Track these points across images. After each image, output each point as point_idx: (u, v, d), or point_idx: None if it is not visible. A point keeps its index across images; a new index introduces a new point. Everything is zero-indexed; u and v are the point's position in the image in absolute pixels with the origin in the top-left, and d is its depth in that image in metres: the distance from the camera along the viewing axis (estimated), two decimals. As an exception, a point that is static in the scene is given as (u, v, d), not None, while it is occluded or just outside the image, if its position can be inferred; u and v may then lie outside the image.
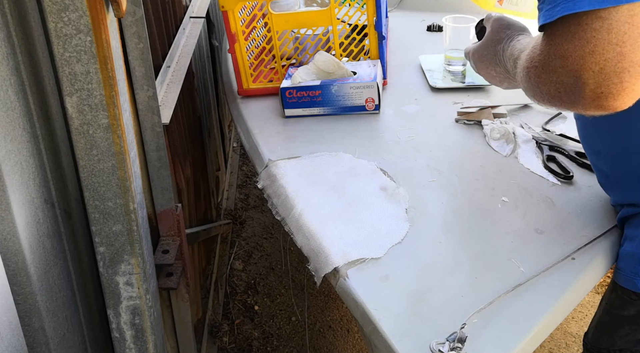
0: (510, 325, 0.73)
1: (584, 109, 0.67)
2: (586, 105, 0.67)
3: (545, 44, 0.69)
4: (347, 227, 0.92)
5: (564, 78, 0.67)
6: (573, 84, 0.66)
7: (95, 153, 0.67)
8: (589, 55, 0.64)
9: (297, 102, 1.29)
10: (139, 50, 0.89)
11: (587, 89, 0.65)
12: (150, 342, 0.81)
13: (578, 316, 2.00)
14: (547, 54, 0.69)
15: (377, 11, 1.33)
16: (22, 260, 0.62)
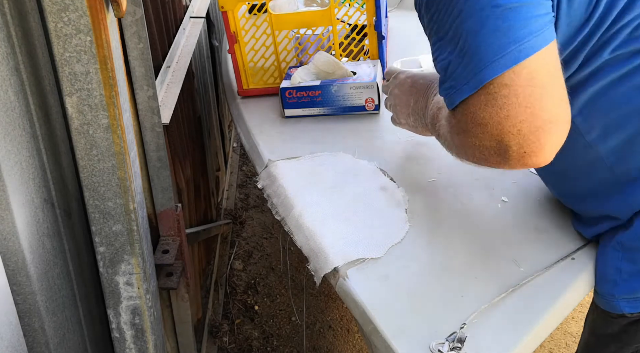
0: (510, 325, 0.73)
1: (511, 167, 0.70)
2: (512, 164, 0.70)
3: (461, 113, 0.72)
4: (347, 227, 0.91)
5: (487, 142, 0.70)
6: (497, 147, 0.69)
7: (95, 153, 0.67)
8: (505, 119, 0.67)
9: (297, 102, 1.29)
10: (139, 50, 0.89)
11: (511, 150, 0.68)
12: (150, 342, 0.81)
13: (578, 316, 2.00)
14: (465, 122, 0.72)
15: (376, 11, 1.33)
16: (22, 260, 0.62)
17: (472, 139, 0.72)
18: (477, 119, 0.69)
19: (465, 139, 0.73)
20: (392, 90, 1.04)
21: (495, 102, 0.67)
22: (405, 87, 1.00)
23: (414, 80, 1.00)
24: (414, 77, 1.00)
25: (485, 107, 0.68)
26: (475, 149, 0.72)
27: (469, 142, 0.73)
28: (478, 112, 0.69)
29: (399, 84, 1.02)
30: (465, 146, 0.74)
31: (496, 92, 0.67)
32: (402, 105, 1.01)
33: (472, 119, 0.70)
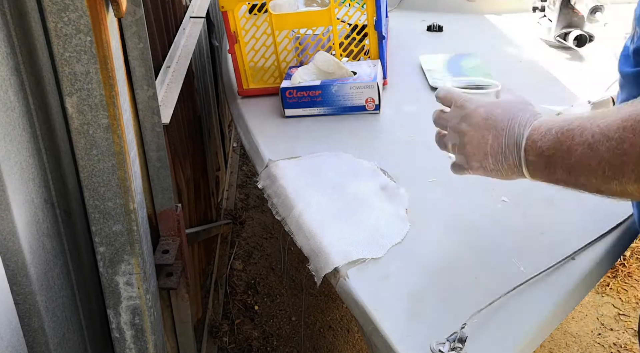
0: (511, 325, 0.73)
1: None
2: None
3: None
4: (348, 227, 0.91)
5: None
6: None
7: (95, 153, 0.67)
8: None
9: (297, 102, 1.29)
10: (139, 50, 0.89)
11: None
12: (150, 341, 0.81)
13: (578, 316, 2.00)
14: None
15: (377, 11, 1.33)
16: (22, 260, 0.62)
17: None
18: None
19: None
20: (457, 125, 0.76)
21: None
22: (478, 120, 0.73)
23: (489, 110, 0.73)
24: (488, 107, 0.74)
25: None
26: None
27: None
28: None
29: (466, 116, 0.75)
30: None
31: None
32: (475, 145, 0.73)
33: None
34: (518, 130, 0.69)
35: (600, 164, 0.58)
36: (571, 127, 0.62)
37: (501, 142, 0.71)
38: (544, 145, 0.65)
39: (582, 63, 1.56)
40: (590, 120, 0.60)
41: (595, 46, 1.59)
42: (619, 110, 0.58)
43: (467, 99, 0.76)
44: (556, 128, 0.64)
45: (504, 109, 0.73)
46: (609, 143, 0.57)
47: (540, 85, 1.44)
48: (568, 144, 0.61)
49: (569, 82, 1.43)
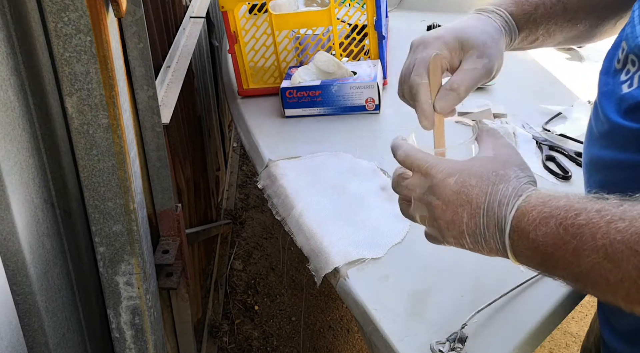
0: (511, 325, 0.73)
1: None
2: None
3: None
4: (348, 227, 0.91)
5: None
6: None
7: (95, 153, 0.67)
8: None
9: (297, 102, 1.29)
10: (139, 50, 0.89)
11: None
12: (150, 342, 0.81)
13: (578, 316, 2.00)
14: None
15: (377, 11, 1.33)
16: (22, 260, 0.62)
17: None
18: None
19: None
20: (423, 196, 0.61)
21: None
22: (448, 194, 0.58)
23: (461, 182, 0.58)
24: (459, 176, 0.58)
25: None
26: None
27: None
28: None
29: (433, 187, 0.59)
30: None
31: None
32: (448, 221, 0.59)
33: None
34: (499, 211, 0.55)
35: (623, 282, 0.46)
36: (577, 222, 0.49)
37: (478, 222, 0.57)
38: (538, 238, 0.51)
39: (582, 63, 1.56)
40: (604, 217, 0.47)
41: (595, 46, 1.59)
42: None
43: (432, 165, 0.60)
44: (556, 219, 0.50)
45: (480, 178, 0.57)
46: (637, 260, 0.44)
47: (540, 85, 1.44)
48: (574, 245, 0.48)
49: (569, 82, 1.43)
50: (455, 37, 0.69)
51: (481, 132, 0.65)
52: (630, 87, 0.60)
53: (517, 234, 0.54)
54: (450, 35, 0.69)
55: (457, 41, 0.69)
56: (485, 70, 0.69)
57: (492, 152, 0.61)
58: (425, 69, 0.67)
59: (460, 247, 0.61)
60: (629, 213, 0.46)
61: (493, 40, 0.71)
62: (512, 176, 0.57)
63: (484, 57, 0.69)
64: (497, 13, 0.74)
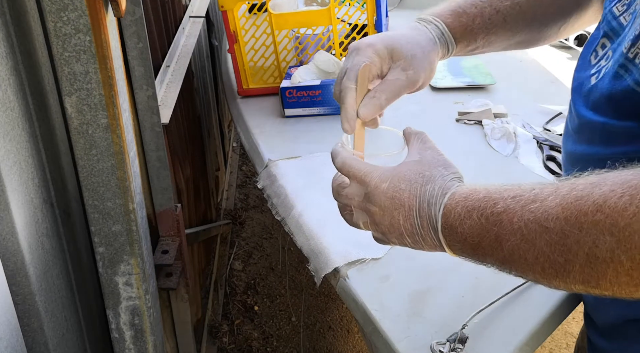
0: (511, 325, 0.73)
1: None
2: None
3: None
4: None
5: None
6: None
7: (94, 153, 0.67)
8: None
9: (297, 101, 1.28)
10: (139, 50, 0.89)
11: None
12: (149, 342, 0.81)
13: (579, 316, 2.00)
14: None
15: (377, 10, 1.32)
16: (21, 260, 0.62)
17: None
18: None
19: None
20: (361, 204, 0.64)
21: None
22: (382, 200, 0.61)
23: (392, 187, 0.61)
24: (391, 182, 0.61)
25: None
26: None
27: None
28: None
29: (369, 195, 0.62)
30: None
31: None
32: (387, 225, 0.62)
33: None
34: (429, 211, 0.58)
35: (538, 259, 0.49)
36: (496, 210, 0.52)
37: (414, 223, 0.60)
38: (465, 231, 0.55)
39: (582, 63, 1.56)
40: (519, 202, 0.51)
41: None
42: (556, 193, 0.49)
43: (366, 172, 0.63)
44: (477, 210, 0.54)
45: (409, 181, 0.60)
46: (549, 236, 0.48)
47: (540, 85, 1.44)
48: (495, 231, 0.52)
49: (569, 82, 1.43)
50: (385, 46, 0.71)
51: (408, 137, 0.68)
52: (597, 78, 0.62)
53: (448, 230, 0.57)
54: (381, 44, 0.71)
55: (387, 50, 0.71)
56: (408, 81, 0.71)
57: (417, 155, 0.63)
58: (355, 75, 0.69)
59: (404, 246, 0.64)
60: (540, 195, 0.50)
61: (423, 53, 0.72)
62: (437, 176, 0.60)
63: (409, 68, 0.71)
64: (435, 24, 0.76)
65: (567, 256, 0.47)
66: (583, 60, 0.69)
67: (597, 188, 0.46)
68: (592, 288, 0.47)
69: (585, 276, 0.46)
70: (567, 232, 0.46)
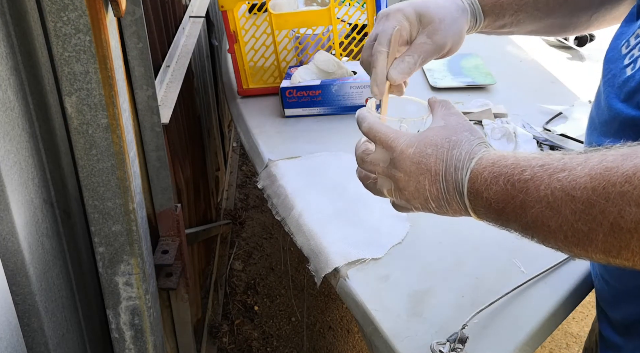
0: (511, 325, 0.73)
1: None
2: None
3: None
4: (348, 227, 0.91)
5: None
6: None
7: (94, 153, 0.67)
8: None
9: (297, 101, 1.28)
10: (139, 50, 0.89)
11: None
12: (149, 342, 0.81)
13: (579, 316, 2.00)
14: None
15: (377, 10, 1.32)
16: (21, 260, 0.62)
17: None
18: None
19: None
20: (386, 170, 0.64)
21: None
22: (408, 165, 0.62)
23: (419, 152, 0.61)
24: (417, 147, 0.61)
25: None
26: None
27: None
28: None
29: (394, 160, 0.63)
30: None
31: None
32: (412, 191, 0.63)
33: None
34: (455, 176, 0.58)
35: (562, 227, 0.50)
36: (523, 177, 0.52)
37: (439, 188, 0.60)
38: (491, 196, 0.55)
39: (583, 63, 1.56)
40: (547, 170, 0.51)
41: (595, 46, 1.59)
42: (585, 163, 0.49)
43: (393, 138, 0.63)
44: (504, 177, 0.54)
45: (435, 146, 0.60)
46: (574, 205, 0.48)
47: (540, 85, 1.44)
48: (521, 198, 0.52)
49: (569, 82, 1.43)
50: (415, 11, 0.72)
51: (432, 104, 0.68)
52: (632, 69, 0.61)
53: (473, 195, 0.57)
54: (411, 8, 0.73)
55: (416, 14, 0.72)
56: (436, 45, 0.72)
57: (442, 121, 0.64)
58: (387, 39, 0.71)
59: (427, 211, 0.64)
60: (569, 164, 0.50)
61: (452, 19, 0.73)
62: (463, 141, 0.60)
63: (437, 33, 0.72)
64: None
65: (591, 225, 0.47)
66: (613, 52, 0.67)
67: (627, 160, 0.46)
68: (613, 257, 0.47)
69: (608, 245, 0.47)
70: (593, 202, 0.47)
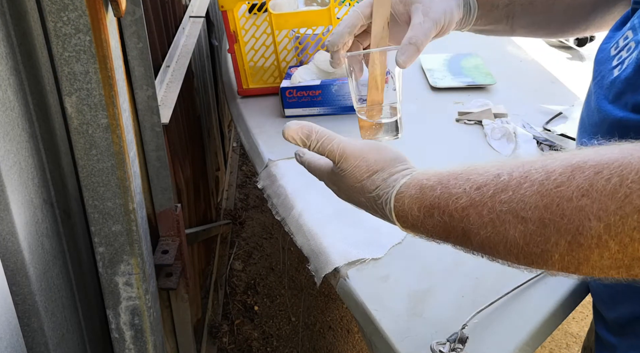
0: (511, 325, 0.73)
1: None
2: None
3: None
4: (348, 227, 0.91)
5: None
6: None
7: (94, 153, 0.67)
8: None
9: (297, 101, 1.28)
10: (139, 50, 0.89)
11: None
12: (149, 342, 0.81)
13: (579, 316, 2.00)
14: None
15: (377, 11, 1.32)
16: (21, 260, 0.62)
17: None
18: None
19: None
20: (327, 183, 0.69)
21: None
22: (340, 186, 0.65)
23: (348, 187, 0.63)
24: (355, 169, 0.63)
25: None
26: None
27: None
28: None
29: (330, 176, 0.67)
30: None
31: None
32: (348, 201, 0.67)
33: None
34: (383, 211, 0.60)
35: (511, 251, 0.47)
36: (460, 205, 0.50)
37: (372, 210, 0.63)
38: (428, 230, 0.54)
39: (583, 63, 1.56)
40: (485, 193, 0.48)
41: (595, 46, 1.59)
42: (528, 179, 0.45)
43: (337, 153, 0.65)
44: (438, 209, 0.52)
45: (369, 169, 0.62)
46: (524, 226, 0.45)
47: (540, 85, 1.44)
48: (462, 227, 0.50)
49: (569, 82, 1.43)
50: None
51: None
52: (620, 70, 0.60)
53: (409, 228, 0.57)
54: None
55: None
56: (433, 23, 0.72)
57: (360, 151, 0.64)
58: (368, 1, 0.73)
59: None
60: (510, 183, 0.47)
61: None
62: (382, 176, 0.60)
63: (429, 11, 0.72)
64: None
65: (544, 247, 0.44)
66: (602, 53, 0.67)
67: (578, 172, 0.43)
68: (572, 272, 0.45)
69: (565, 264, 0.44)
70: (546, 221, 0.44)
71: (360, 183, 0.61)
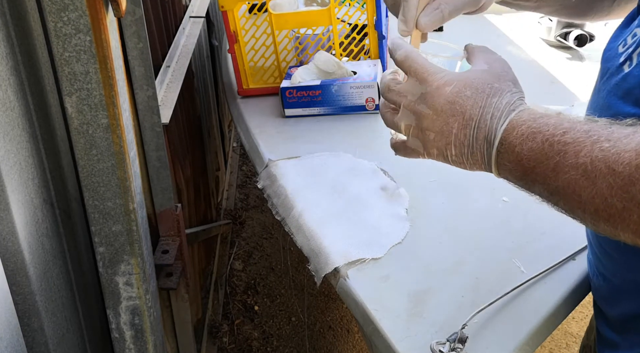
0: (511, 325, 0.73)
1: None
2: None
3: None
4: (348, 227, 0.91)
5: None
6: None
7: (94, 153, 0.67)
8: None
9: (297, 101, 1.28)
10: (139, 50, 0.89)
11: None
12: (149, 342, 0.81)
13: (579, 316, 2.00)
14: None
15: (377, 11, 1.32)
16: (21, 260, 0.62)
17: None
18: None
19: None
20: (413, 104, 0.60)
21: None
22: (441, 103, 0.57)
23: (456, 92, 0.57)
24: (456, 86, 0.58)
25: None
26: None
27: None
28: None
29: (426, 95, 0.58)
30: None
31: None
32: (436, 132, 0.59)
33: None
34: (491, 124, 0.55)
35: (594, 199, 0.47)
36: (564, 139, 0.49)
37: (468, 133, 0.57)
38: (523, 152, 0.52)
39: (583, 63, 1.56)
40: (591, 137, 0.48)
41: (595, 46, 1.59)
42: (633, 136, 0.46)
43: (431, 72, 0.59)
44: (543, 135, 0.51)
45: (475, 89, 0.57)
46: (613, 179, 0.45)
47: (540, 85, 1.44)
48: (556, 161, 0.49)
49: (569, 82, 1.43)
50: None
51: (472, 49, 0.65)
52: (630, 66, 0.60)
53: (505, 147, 0.54)
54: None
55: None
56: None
57: (485, 65, 0.60)
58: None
59: (441, 159, 0.61)
60: (616, 134, 0.47)
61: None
62: (506, 90, 0.57)
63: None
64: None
65: (627, 203, 0.44)
66: (610, 51, 0.67)
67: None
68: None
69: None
70: (635, 180, 0.44)
71: (482, 90, 0.57)
